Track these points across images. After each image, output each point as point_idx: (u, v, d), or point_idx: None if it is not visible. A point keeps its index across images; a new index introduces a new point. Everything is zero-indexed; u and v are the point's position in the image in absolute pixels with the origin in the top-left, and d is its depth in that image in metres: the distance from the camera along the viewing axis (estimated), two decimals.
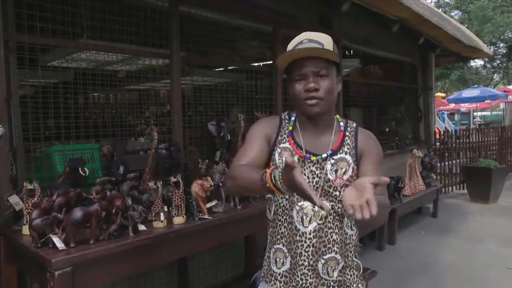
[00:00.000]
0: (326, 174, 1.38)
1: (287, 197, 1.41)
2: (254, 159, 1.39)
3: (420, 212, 6.36)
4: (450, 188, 8.03)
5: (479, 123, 21.65)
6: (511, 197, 7.46)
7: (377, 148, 1.47)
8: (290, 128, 1.46)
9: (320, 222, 1.38)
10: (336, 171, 1.39)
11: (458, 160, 8.28)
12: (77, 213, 1.93)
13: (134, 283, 2.98)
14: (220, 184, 2.61)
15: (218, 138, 3.12)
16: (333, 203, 1.39)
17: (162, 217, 2.30)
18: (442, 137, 8.17)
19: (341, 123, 1.48)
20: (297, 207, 1.39)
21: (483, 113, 24.52)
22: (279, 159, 1.41)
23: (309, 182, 1.38)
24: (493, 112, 24.57)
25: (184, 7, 3.32)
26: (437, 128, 9.51)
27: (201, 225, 2.41)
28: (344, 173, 1.39)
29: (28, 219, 2.05)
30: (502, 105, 20.34)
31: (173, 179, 2.36)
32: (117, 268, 2.06)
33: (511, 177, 9.28)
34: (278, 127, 1.48)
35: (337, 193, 1.39)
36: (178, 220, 2.36)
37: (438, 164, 7.35)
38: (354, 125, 1.51)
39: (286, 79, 1.44)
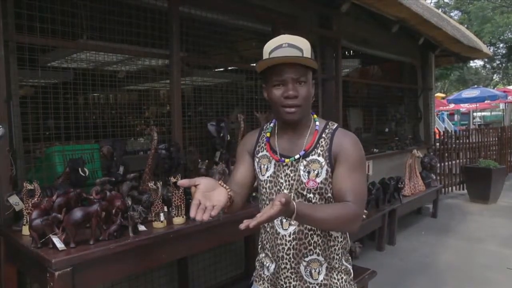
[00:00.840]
0: (299, 176, 1.37)
1: (267, 202, 1.43)
2: (239, 179, 1.51)
3: (420, 213, 6.37)
4: (450, 188, 8.04)
5: (479, 123, 21.67)
6: (511, 197, 7.46)
7: (354, 150, 1.37)
8: (268, 134, 1.49)
9: (293, 223, 1.31)
10: (308, 172, 1.37)
11: (457, 161, 8.28)
12: (77, 213, 1.93)
13: (134, 283, 2.98)
14: None
15: (218, 139, 3.13)
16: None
17: (162, 218, 2.30)
18: (442, 137, 8.17)
19: (317, 123, 1.44)
20: None
21: (483, 113, 24.54)
22: (257, 168, 1.48)
23: (285, 185, 1.40)
24: (492, 113, 24.59)
25: (184, 8, 3.33)
26: (437, 129, 9.52)
27: (201, 226, 2.40)
28: (317, 175, 1.36)
29: (28, 220, 2.05)
30: (501, 106, 20.35)
31: (173, 180, 2.36)
32: (117, 268, 2.06)
33: (511, 178, 9.28)
34: (256, 138, 1.53)
35: (311, 195, 1.37)
36: (178, 220, 2.36)
37: (438, 165, 7.36)
38: (335, 126, 1.44)
39: (262, 81, 1.42)
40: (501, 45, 20.72)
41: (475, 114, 21.21)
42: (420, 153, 5.85)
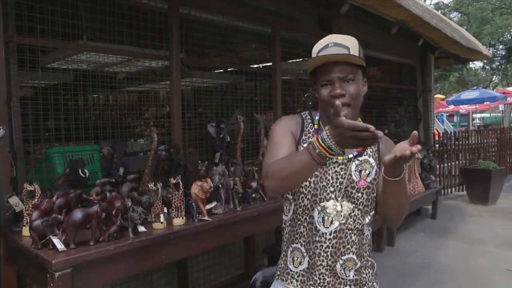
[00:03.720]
0: (350, 174, 1.39)
1: (309, 197, 1.40)
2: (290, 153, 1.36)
3: (419, 214, 6.38)
4: (449, 189, 8.05)
5: (478, 125, 21.70)
6: (510, 198, 7.48)
7: None
8: (316, 126, 1.46)
9: (342, 221, 1.38)
10: (360, 172, 1.40)
11: (457, 162, 8.29)
12: (77, 214, 1.93)
13: (134, 284, 2.98)
14: (220, 186, 2.62)
15: (218, 140, 3.13)
16: (354, 205, 1.39)
17: (161, 219, 2.31)
18: (441, 138, 8.18)
19: None
20: (319, 207, 1.39)
21: (482, 115, 24.57)
22: None
23: (332, 182, 1.39)
24: (492, 114, 24.62)
25: (184, 9, 3.34)
26: (436, 130, 9.53)
27: (200, 227, 2.41)
28: (368, 175, 1.40)
29: (28, 221, 2.05)
30: (501, 107, 20.37)
31: (172, 181, 2.36)
32: (117, 269, 2.07)
33: (510, 179, 9.30)
34: (301, 126, 1.47)
35: (360, 194, 1.40)
36: (178, 221, 2.37)
37: (437, 166, 7.36)
38: None
39: (312, 81, 1.44)
40: (500, 46, 20.76)
41: (474, 115, 21.23)
42: (419, 154, 5.85)
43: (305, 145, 1.42)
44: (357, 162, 1.41)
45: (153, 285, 3.13)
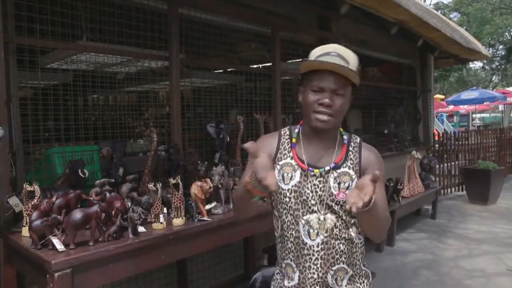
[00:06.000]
0: (329, 187, 1.37)
1: (291, 212, 1.40)
2: None
3: (419, 214, 6.38)
4: (449, 189, 8.05)
5: (478, 125, 21.69)
6: (510, 198, 7.48)
7: (380, 165, 1.44)
8: (294, 140, 1.45)
9: (326, 234, 1.37)
10: (339, 184, 1.37)
11: (457, 162, 8.29)
12: (77, 214, 1.93)
13: (134, 284, 2.98)
14: (219, 186, 2.62)
15: (217, 140, 3.14)
16: (337, 215, 1.38)
17: (161, 219, 2.31)
18: (441, 139, 8.19)
19: (345, 137, 1.46)
20: (303, 221, 1.38)
21: (482, 115, 24.54)
22: (279, 177, 1.41)
23: (312, 196, 1.38)
24: (492, 114, 24.60)
25: (183, 10, 3.34)
26: (436, 130, 9.53)
27: (200, 227, 2.42)
28: (347, 187, 1.38)
29: (28, 221, 2.05)
30: (501, 107, 20.35)
31: (172, 181, 2.36)
32: (117, 269, 2.07)
33: (510, 179, 9.30)
34: (277, 144, 1.48)
35: (339, 207, 1.38)
36: (178, 221, 2.37)
37: (437, 166, 7.36)
38: (358, 140, 1.48)
39: (300, 82, 1.42)
40: (500, 46, 20.80)
41: (474, 115, 21.22)
42: (419, 154, 5.85)
43: (280, 163, 1.43)
44: (335, 174, 1.38)
45: (153, 285, 3.13)
